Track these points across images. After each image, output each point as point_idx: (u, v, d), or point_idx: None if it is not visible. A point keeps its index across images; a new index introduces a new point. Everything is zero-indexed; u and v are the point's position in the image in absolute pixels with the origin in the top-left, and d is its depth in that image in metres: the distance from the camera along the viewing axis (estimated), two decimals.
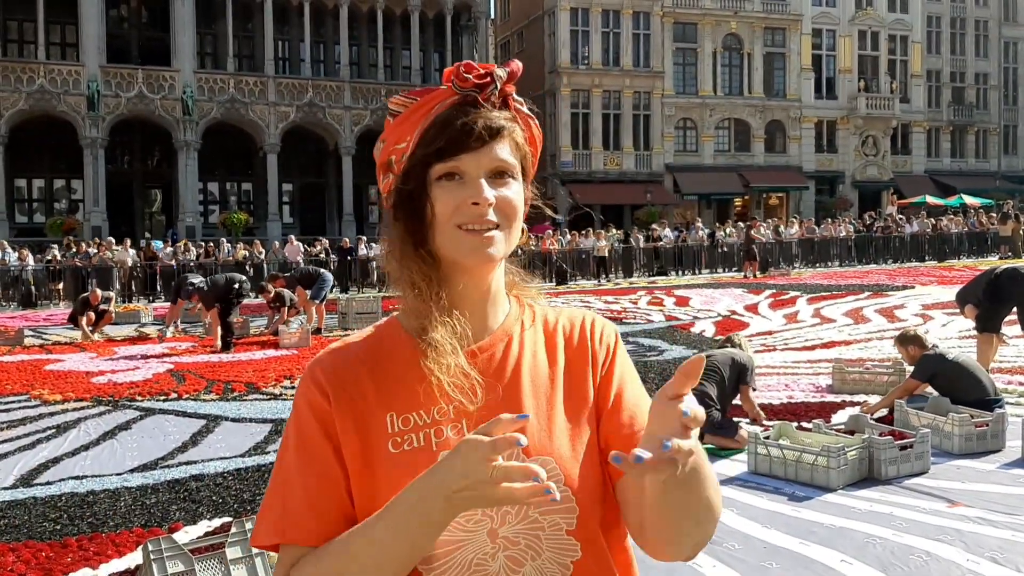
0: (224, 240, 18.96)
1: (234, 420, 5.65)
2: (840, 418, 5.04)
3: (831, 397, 5.78)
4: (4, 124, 22.72)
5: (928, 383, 4.89)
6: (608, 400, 0.83)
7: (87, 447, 5.04)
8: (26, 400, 6.51)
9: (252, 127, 25.50)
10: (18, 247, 17.06)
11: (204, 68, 25.60)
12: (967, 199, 29.00)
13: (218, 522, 3.63)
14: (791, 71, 32.67)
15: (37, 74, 22.94)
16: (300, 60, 26.38)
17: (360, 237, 20.80)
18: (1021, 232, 21.19)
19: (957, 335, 8.21)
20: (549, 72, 30.03)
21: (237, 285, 9.14)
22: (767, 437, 4.21)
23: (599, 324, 0.88)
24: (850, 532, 3.26)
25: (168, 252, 17.72)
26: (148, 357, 8.65)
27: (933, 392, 4.88)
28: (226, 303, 9.13)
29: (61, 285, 16.29)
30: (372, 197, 29.74)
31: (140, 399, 6.43)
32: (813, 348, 8.01)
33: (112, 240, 17.93)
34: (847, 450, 3.88)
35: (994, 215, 24.14)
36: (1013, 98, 36.71)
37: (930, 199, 29.25)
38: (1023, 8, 36.54)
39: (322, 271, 10.94)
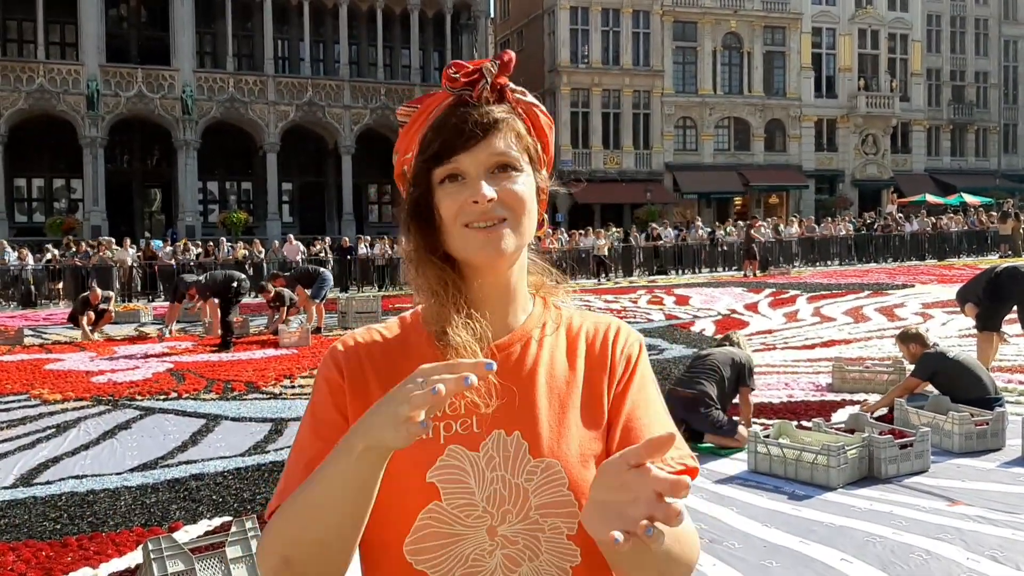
0: (224, 239, 18.95)
1: (234, 419, 5.65)
2: (840, 417, 5.04)
3: (831, 396, 5.77)
4: (4, 123, 22.71)
5: (929, 382, 4.89)
6: (619, 418, 0.81)
7: (87, 446, 5.04)
8: (26, 400, 6.51)
9: (252, 126, 25.49)
10: (18, 247, 17.06)
11: (203, 67, 25.59)
12: (967, 198, 28.98)
13: (218, 521, 3.63)
14: (791, 70, 32.66)
15: (37, 73, 22.93)
16: (300, 59, 26.37)
17: (360, 236, 20.80)
18: (1021, 231, 21.18)
19: (957, 334, 8.21)
20: (549, 71, 30.02)
21: (235, 284, 9.13)
22: (767, 436, 4.21)
23: (623, 334, 0.86)
24: (850, 531, 3.26)
25: (167, 252, 17.71)
26: (148, 356, 8.65)
27: (933, 391, 4.89)
28: (225, 301, 9.12)
29: (61, 285, 16.28)
30: (372, 196, 29.74)
31: (140, 398, 6.42)
32: (813, 347, 8.01)
33: (112, 240, 17.93)
34: (847, 449, 3.88)
35: (994, 214, 24.14)
36: (1013, 97, 36.69)
37: (930, 198, 29.24)
38: (1023, 6, 36.52)
39: (322, 270, 10.94)
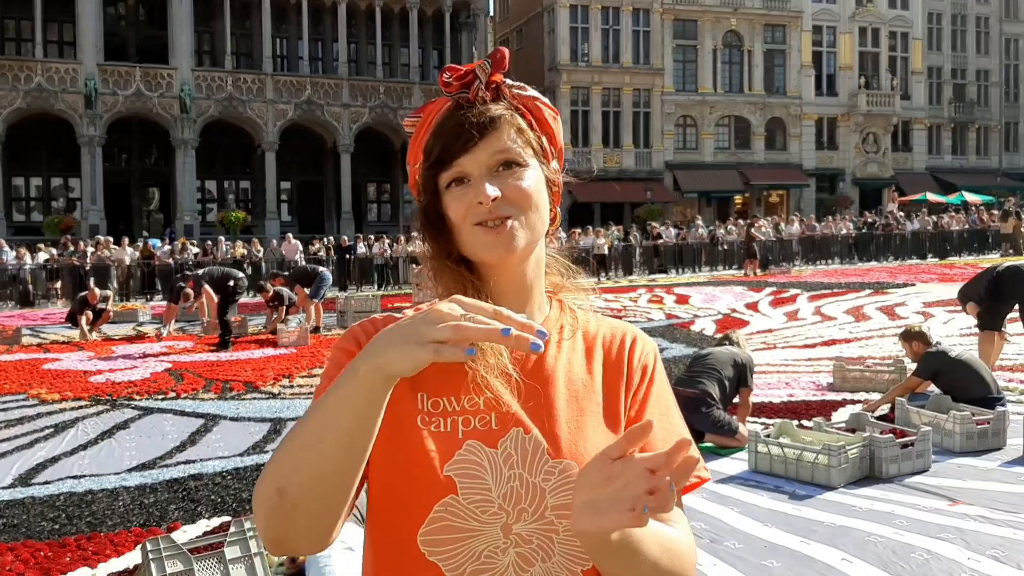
0: (222, 238, 18.94)
1: (232, 419, 5.64)
2: (841, 416, 5.03)
3: (832, 395, 5.77)
4: (1, 122, 22.68)
5: (931, 381, 4.88)
6: None
7: (85, 446, 5.03)
8: (24, 399, 6.49)
9: (250, 125, 25.46)
10: (16, 246, 17.04)
11: (202, 66, 25.56)
12: (968, 196, 28.97)
13: (217, 521, 3.62)
14: (791, 68, 32.64)
15: (34, 72, 22.90)
16: (298, 58, 26.34)
17: (358, 235, 20.79)
18: (1022, 229, 21.18)
19: (958, 333, 8.21)
20: (548, 69, 29.99)
21: (232, 282, 9.10)
22: (768, 435, 4.20)
23: (640, 343, 0.86)
24: (851, 530, 3.25)
25: (166, 251, 17.69)
26: (146, 356, 8.64)
27: (935, 390, 4.87)
28: (223, 300, 9.10)
29: (59, 284, 16.27)
30: (371, 195, 29.73)
31: (138, 398, 6.41)
32: (814, 346, 8.01)
33: (110, 239, 17.91)
34: (848, 448, 3.87)
35: (995, 212, 24.13)
36: (1014, 95, 36.68)
37: (931, 196, 29.22)
38: None
39: (320, 269, 10.92)
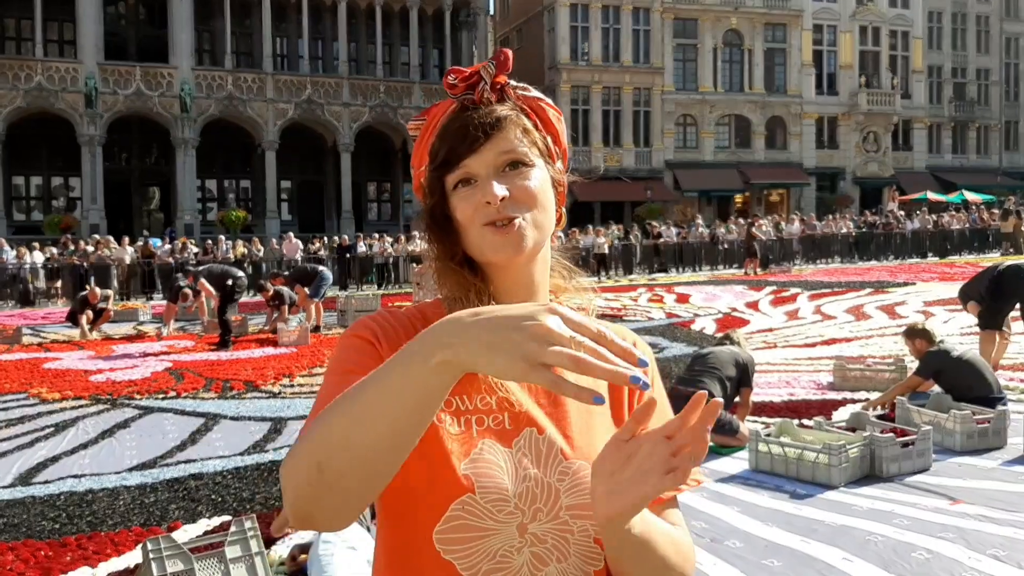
0: (223, 237, 18.94)
1: (233, 418, 5.64)
2: (841, 415, 5.03)
3: (832, 394, 5.76)
4: (2, 122, 22.68)
5: (933, 380, 4.87)
6: None
7: (86, 446, 5.03)
8: (24, 399, 6.49)
9: (250, 124, 25.46)
10: (16, 245, 17.04)
11: (202, 65, 25.55)
12: (968, 195, 28.96)
13: (217, 521, 3.62)
14: (792, 67, 32.62)
15: (35, 71, 22.90)
16: (298, 57, 26.33)
17: (359, 234, 20.79)
18: (1022, 228, 21.17)
19: (959, 332, 8.20)
20: (548, 68, 29.98)
21: (231, 281, 9.08)
22: (768, 435, 4.19)
23: (640, 345, 0.88)
24: (851, 530, 3.25)
25: (166, 250, 17.70)
26: (146, 355, 8.64)
27: (937, 389, 4.87)
28: (222, 298, 9.10)
29: (59, 283, 16.27)
30: (371, 194, 29.73)
31: (139, 397, 6.41)
32: (814, 345, 8.00)
33: (110, 238, 17.92)
34: (848, 448, 3.87)
35: (995, 211, 24.12)
36: (1015, 94, 36.66)
37: (931, 195, 29.22)
38: None
39: (320, 268, 10.91)
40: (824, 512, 3.47)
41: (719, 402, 0.66)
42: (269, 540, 3.21)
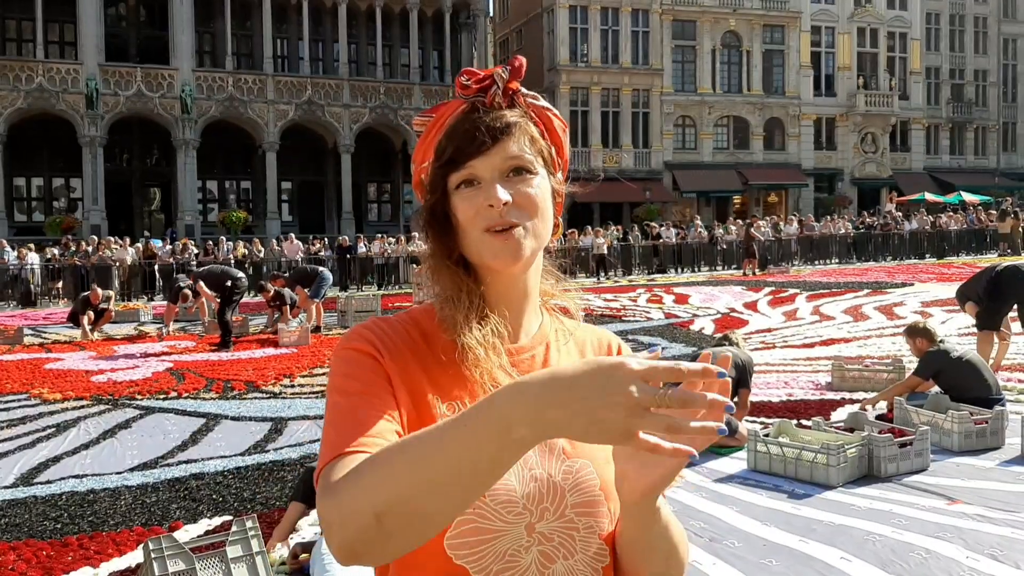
0: (223, 238, 18.95)
1: (234, 419, 5.65)
2: (839, 416, 5.05)
3: (830, 395, 5.78)
4: (3, 123, 22.68)
5: (932, 380, 4.88)
6: None
7: (87, 446, 5.04)
8: (26, 399, 6.51)
9: (251, 125, 25.47)
10: (17, 246, 17.04)
11: (203, 66, 25.56)
12: (966, 196, 28.97)
13: (218, 520, 3.64)
14: (790, 68, 32.65)
15: (36, 73, 22.90)
16: (299, 58, 26.34)
17: (359, 235, 20.79)
18: (1020, 229, 21.20)
19: (956, 332, 8.22)
20: (548, 70, 29.99)
21: (230, 282, 9.07)
22: (767, 435, 4.21)
23: (625, 350, 0.90)
24: (850, 530, 3.26)
25: (167, 251, 17.70)
26: (147, 356, 8.65)
27: (937, 389, 4.88)
28: (223, 299, 9.10)
29: (60, 284, 16.28)
30: (371, 195, 29.73)
31: (140, 398, 6.42)
32: (812, 346, 8.02)
33: (112, 239, 17.92)
34: (847, 448, 3.88)
35: (993, 212, 24.14)
36: (1012, 95, 36.69)
37: (929, 196, 29.23)
38: (1022, 4, 36.52)
39: (321, 269, 10.93)
40: (822, 512, 3.49)
41: (727, 356, 0.65)
42: (270, 543, 3.22)
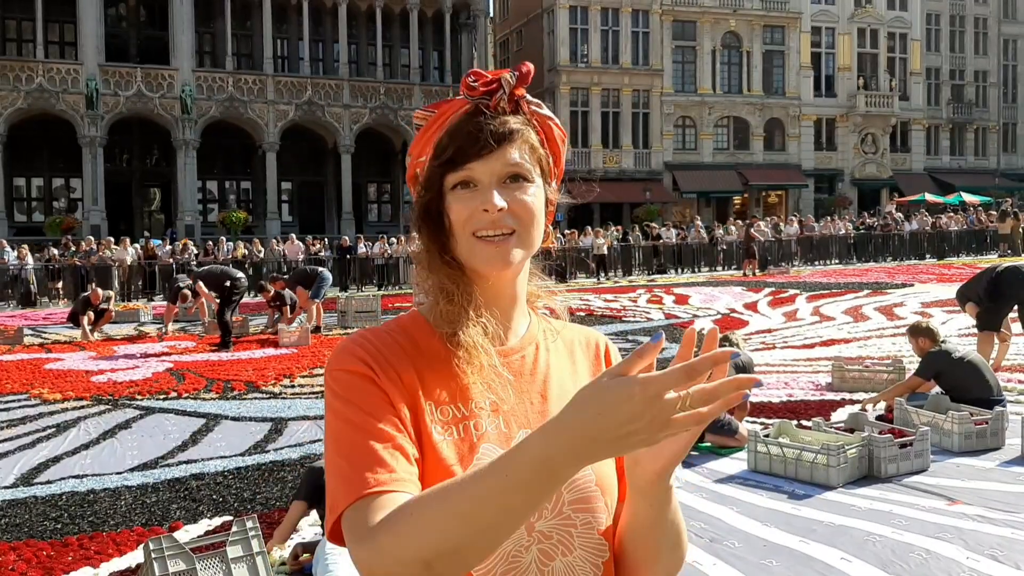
0: (224, 239, 18.95)
1: (234, 419, 5.66)
2: (840, 416, 5.05)
3: (831, 395, 5.78)
4: (3, 123, 22.69)
5: (933, 381, 4.88)
6: None
7: (87, 446, 5.04)
8: (26, 399, 6.51)
9: (251, 126, 25.48)
10: (17, 246, 17.04)
11: (203, 67, 25.57)
12: (966, 197, 28.98)
13: (218, 521, 3.64)
14: (790, 69, 32.66)
15: (36, 73, 22.91)
16: (299, 59, 26.35)
17: (359, 235, 20.80)
18: (1020, 230, 21.20)
19: (956, 333, 8.22)
20: (548, 70, 30.00)
21: (230, 282, 9.07)
22: (767, 435, 4.21)
23: (612, 348, 0.92)
24: (850, 530, 3.27)
25: (167, 251, 17.70)
26: (148, 356, 8.65)
27: (936, 389, 4.88)
28: (223, 299, 9.10)
29: (60, 284, 16.28)
30: (371, 196, 29.73)
31: (140, 398, 6.43)
32: (812, 346, 8.02)
33: (111, 239, 17.92)
34: (847, 448, 3.88)
35: (993, 213, 24.14)
36: (1012, 96, 36.70)
37: (929, 197, 29.24)
38: (1022, 5, 36.53)
39: (320, 270, 10.93)
40: (823, 512, 3.49)
41: (714, 329, 0.68)
42: (270, 543, 3.22)
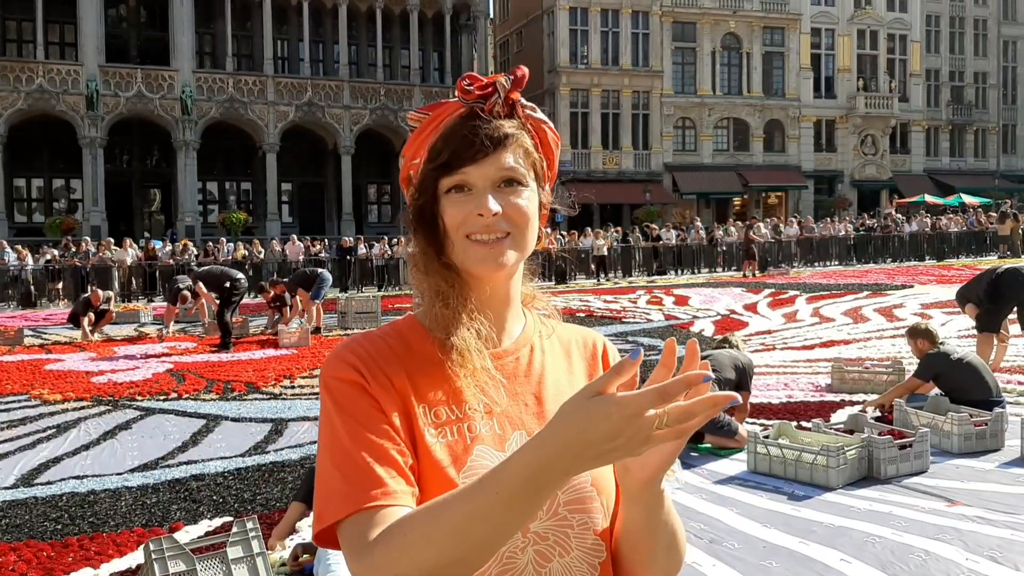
0: (224, 239, 18.95)
1: (234, 420, 5.66)
2: (839, 417, 5.05)
3: (830, 396, 5.79)
4: (3, 124, 22.69)
5: (932, 382, 4.88)
6: None
7: (87, 447, 5.05)
8: (26, 400, 6.51)
9: (251, 126, 25.49)
10: (19, 248, 17.04)
11: (203, 68, 25.57)
12: (966, 198, 29.01)
13: (219, 522, 3.64)
14: (790, 70, 32.68)
15: (36, 73, 22.92)
16: (299, 59, 26.36)
17: (359, 236, 20.80)
18: (1020, 231, 21.21)
19: (956, 334, 8.23)
20: (548, 71, 30.02)
21: (229, 283, 9.07)
22: (766, 436, 4.22)
23: (610, 349, 0.92)
24: (849, 531, 3.27)
25: (167, 251, 17.70)
26: (148, 357, 8.65)
27: (935, 390, 4.89)
28: (223, 300, 9.10)
29: (60, 285, 16.28)
30: (371, 197, 29.74)
31: (140, 399, 6.43)
32: (812, 347, 8.03)
33: (111, 240, 17.92)
34: (846, 449, 3.89)
35: (993, 214, 24.16)
36: (1012, 97, 36.72)
37: (929, 198, 29.27)
38: (1022, 7, 36.56)
39: (320, 271, 10.93)
40: (822, 514, 3.49)
41: (694, 341, 0.68)
42: (269, 543, 3.22)
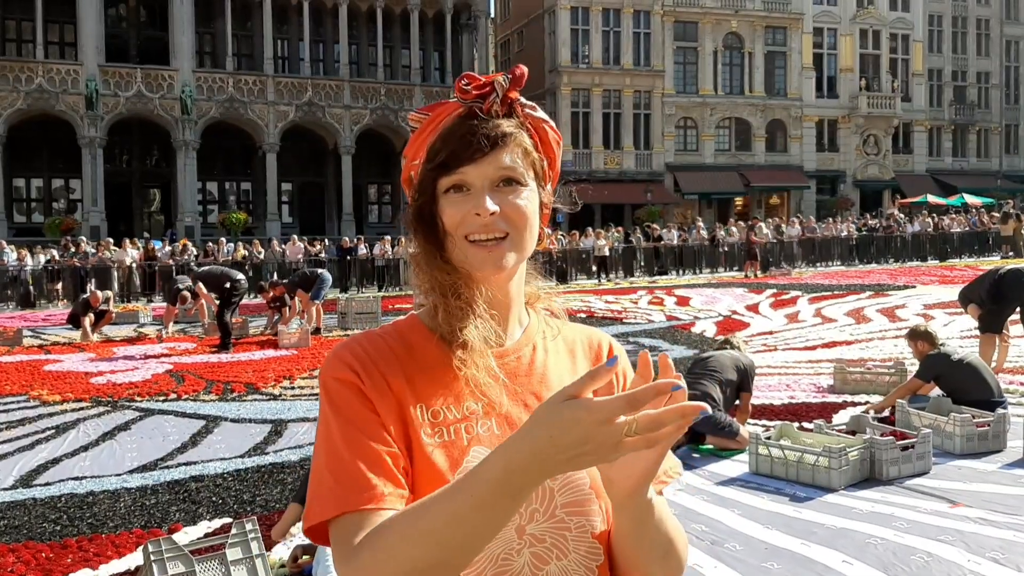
0: (224, 240, 18.95)
1: (233, 421, 5.65)
2: (841, 418, 5.04)
3: (832, 397, 5.77)
4: (2, 123, 22.71)
5: (933, 383, 4.87)
6: None
7: (86, 448, 5.04)
8: (25, 401, 6.50)
9: (251, 126, 25.49)
10: (17, 247, 17.04)
11: (203, 67, 25.58)
12: (968, 198, 28.97)
13: (218, 523, 3.63)
14: (792, 70, 32.66)
15: (35, 73, 22.93)
16: (299, 59, 26.37)
17: (359, 237, 20.80)
18: (1022, 232, 21.18)
19: (959, 335, 8.21)
20: (549, 71, 30.01)
21: (229, 284, 9.06)
22: (768, 438, 4.20)
23: (616, 347, 0.91)
24: (851, 533, 3.26)
25: (167, 252, 17.70)
26: (147, 357, 8.64)
27: (937, 391, 4.88)
28: (222, 301, 9.09)
29: (60, 285, 16.28)
30: (371, 197, 29.75)
31: (139, 400, 6.42)
32: (814, 348, 8.01)
33: (110, 240, 17.92)
34: (848, 451, 3.87)
35: (995, 214, 24.12)
36: (1015, 97, 36.69)
37: (931, 198, 29.23)
38: None
39: (320, 271, 10.92)
40: (824, 515, 3.48)
41: (665, 355, 0.68)
42: (268, 543, 3.21)
